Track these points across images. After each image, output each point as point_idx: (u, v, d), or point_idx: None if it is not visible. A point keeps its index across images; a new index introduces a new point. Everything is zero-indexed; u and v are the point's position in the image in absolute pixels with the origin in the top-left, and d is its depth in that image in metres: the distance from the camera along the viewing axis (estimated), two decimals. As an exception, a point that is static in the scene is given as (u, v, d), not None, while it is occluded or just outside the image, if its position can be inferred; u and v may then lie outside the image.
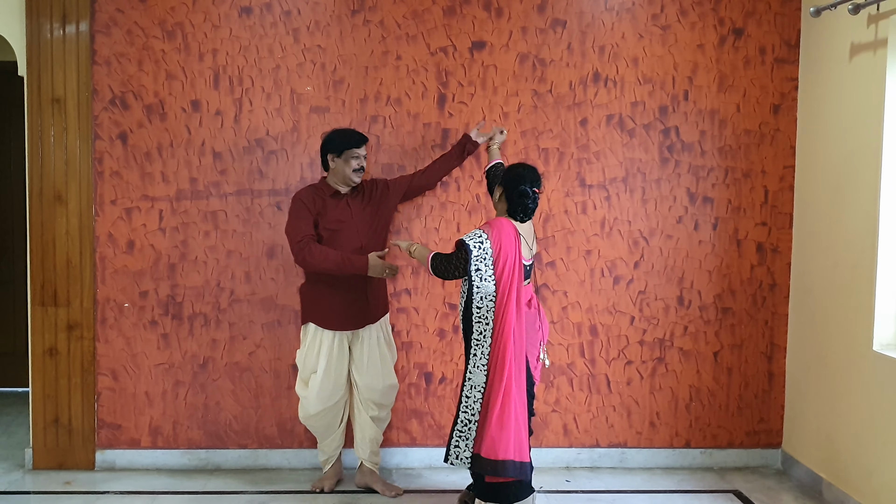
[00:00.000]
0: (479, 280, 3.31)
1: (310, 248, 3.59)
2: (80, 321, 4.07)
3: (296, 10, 4.05)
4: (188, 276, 4.10)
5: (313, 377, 3.76)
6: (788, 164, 4.19)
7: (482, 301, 3.32)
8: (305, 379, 3.81)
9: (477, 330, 3.34)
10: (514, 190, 3.35)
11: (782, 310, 4.24)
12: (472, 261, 3.30)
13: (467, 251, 3.30)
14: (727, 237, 4.20)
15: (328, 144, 3.71)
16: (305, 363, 3.79)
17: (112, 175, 4.06)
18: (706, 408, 4.26)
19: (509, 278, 3.29)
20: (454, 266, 3.36)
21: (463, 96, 4.10)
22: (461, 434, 3.35)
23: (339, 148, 3.67)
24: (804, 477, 4.03)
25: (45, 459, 4.12)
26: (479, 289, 3.31)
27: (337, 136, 3.71)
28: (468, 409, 3.34)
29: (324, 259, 3.58)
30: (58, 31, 3.97)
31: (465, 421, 3.34)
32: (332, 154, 3.69)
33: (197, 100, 4.05)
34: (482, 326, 3.33)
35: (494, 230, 3.32)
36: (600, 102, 4.13)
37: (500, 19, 4.08)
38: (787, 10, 4.13)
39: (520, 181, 3.34)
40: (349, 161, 3.67)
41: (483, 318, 3.33)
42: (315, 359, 3.75)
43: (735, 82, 4.14)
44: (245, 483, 4.00)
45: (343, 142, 3.67)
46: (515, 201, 3.35)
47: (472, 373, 3.34)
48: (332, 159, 3.70)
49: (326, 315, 3.74)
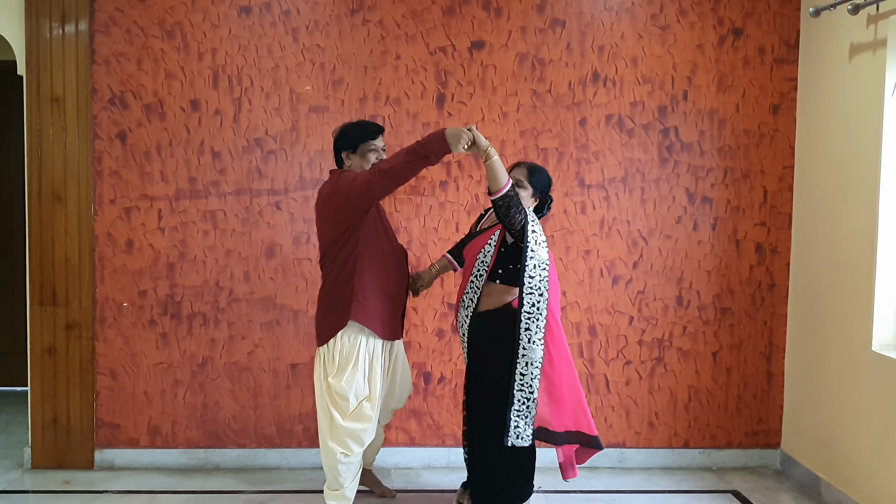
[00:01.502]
0: (534, 243, 3.14)
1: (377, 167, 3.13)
2: (79, 320, 4.07)
3: (295, 9, 4.05)
4: (187, 276, 4.10)
5: (366, 405, 3.32)
6: (787, 165, 4.19)
7: (535, 269, 3.14)
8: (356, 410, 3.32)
9: (528, 302, 3.13)
10: (547, 193, 3.39)
11: (781, 310, 4.24)
12: (529, 224, 3.16)
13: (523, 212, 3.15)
14: (726, 237, 4.20)
15: (341, 140, 3.36)
16: (355, 390, 3.29)
17: (111, 174, 4.06)
18: (705, 408, 4.26)
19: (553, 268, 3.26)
20: (519, 210, 3.15)
21: (462, 96, 4.10)
22: (520, 413, 3.17)
23: (353, 143, 3.33)
24: (803, 477, 4.03)
25: (43, 459, 4.12)
26: (533, 253, 3.14)
27: (350, 129, 3.38)
28: (525, 386, 3.15)
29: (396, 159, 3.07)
30: (57, 30, 3.97)
31: (522, 399, 3.16)
32: (347, 151, 3.34)
33: (196, 99, 4.05)
34: (534, 298, 3.13)
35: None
36: (599, 102, 4.13)
37: (499, 19, 4.08)
38: (786, 10, 4.13)
39: (551, 185, 3.41)
40: (366, 155, 3.32)
41: (535, 288, 3.14)
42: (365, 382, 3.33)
43: (734, 82, 4.14)
44: (243, 482, 4.00)
45: (358, 136, 3.33)
46: (549, 204, 3.42)
47: (526, 349, 3.14)
48: (347, 156, 3.35)
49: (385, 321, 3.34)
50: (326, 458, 3.40)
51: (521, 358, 3.16)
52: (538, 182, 3.36)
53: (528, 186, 3.33)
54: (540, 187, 3.36)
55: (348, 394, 3.29)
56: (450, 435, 4.21)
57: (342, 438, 3.33)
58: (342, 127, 3.44)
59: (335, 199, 3.26)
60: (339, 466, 3.36)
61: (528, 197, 3.34)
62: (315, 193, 4.06)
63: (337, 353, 3.32)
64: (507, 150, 4.12)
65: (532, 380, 3.17)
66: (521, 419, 3.18)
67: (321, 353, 3.39)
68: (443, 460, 4.21)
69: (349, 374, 3.29)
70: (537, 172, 3.38)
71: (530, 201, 3.35)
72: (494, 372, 3.25)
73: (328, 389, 3.34)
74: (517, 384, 3.17)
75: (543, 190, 3.38)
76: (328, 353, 3.35)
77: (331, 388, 3.32)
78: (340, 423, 3.31)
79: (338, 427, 3.31)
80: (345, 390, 3.29)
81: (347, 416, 3.32)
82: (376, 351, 3.36)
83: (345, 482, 3.40)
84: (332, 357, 3.34)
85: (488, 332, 3.29)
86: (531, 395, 3.18)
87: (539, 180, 3.36)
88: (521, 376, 3.17)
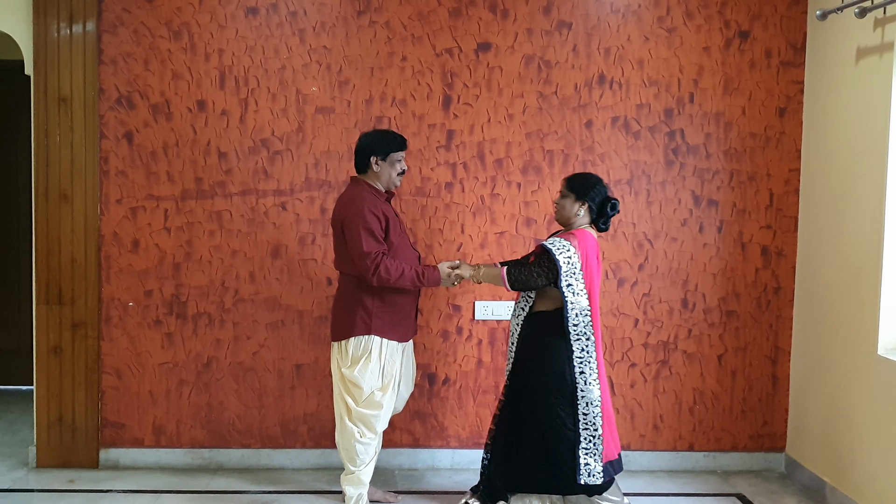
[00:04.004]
0: (571, 295, 3.26)
1: (385, 265, 3.35)
2: (85, 320, 4.08)
3: (302, 10, 4.05)
4: (193, 276, 4.11)
5: (378, 394, 3.49)
6: (794, 168, 4.18)
7: (578, 317, 3.28)
8: (369, 397, 3.49)
9: (578, 347, 3.29)
10: (602, 201, 3.36)
11: (787, 313, 4.23)
12: (563, 276, 3.24)
13: (555, 264, 3.24)
14: (732, 240, 4.20)
15: (373, 146, 3.47)
16: (368, 381, 3.46)
17: (117, 174, 4.07)
18: (710, 411, 4.25)
19: (596, 289, 3.31)
20: (537, 274, 3.28)
21: (468, 97, 4.10)
22: (588, 451, 3.30)
23: (384, 150, 3.46)
24: (808, 481, 4.02)
25: (48, 457, 4.12)
26: (573, 304, 3.27)
27: (381, 137, 3.50)
28: (589, 425, 3.29)
29: (400, 275, 3.37)
30: (64, 30, 3.98)
31: (589, 438, 3.30)
32: (377, 157, 3.46)
33: (203, 100, 4.06)
34: (583, 343, 3.29)
35: (580, 241, 3.28)
36: (605, 104, 4.13)
37: (505, 21, 4.08)
38: (793, 13, 4.12)
39: (606, 192, 3.38)
40: (394, 164, 3.48)
41: (582, 333, 3.29)
42: (379, 375, 3.49)
43: (741, 85, 4.14)
44: (248, 482, 4.00)
45: (389, 144, 3.47)
46: (607, 213, 3.38)
47: (583, 391, 3.29)
48: (377, 162, 3.46)
49: (402, 329, 3.53)
50: (344, 439, 3.54)
51: (581, 399, 3.29)
52: (579, 187, 3.36)
53: (568, 193, 3.37)
54: (582, 191, 3.34)
55: (361, 383, 3.47)
56: (454, 436, 4.21)
57: (356, 421, 3.51)
58: (373, 133, 3.54)
59: (344, 221, 3.43)
60: (356, 446, 3.50)
61: (573, 203, 3.35)
62: (321, 194, 4.09)
63: (351, 348, 3.48)
64: (513, 151, 4.12)
65: (595, 418, 3.30)
66: (591, 457, 3.30)
67: (335, 347, 3.56)
68: (447, 462, 4.21)
69: (361, 366, 3.46)
70: (578, 178, 3.41)
71: (577, 208, 3.34)
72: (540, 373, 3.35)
73: (342, 379, 3.52)
74: (581, 424, 3.30)
75: (591, 195, 3.34)
76: (342, 349, 3.52)
77: (344, 377, 3.50)
78: (354, 408, 3.49)
79: (352, 411, 3.50)
80: (358, 379, 3.46)
81: (360, 403, 3.49)
82: (391, 347, 3.51)
83: (361, 463, 3.53)
84: (345, 352, 3.50)
85: (540, 330, 3.39)
86: (596, 433, 3.30)
87: (578, 184, 3.36)
88: (583, 416, 3.29)
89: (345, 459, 3.58)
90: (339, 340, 3.51)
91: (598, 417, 3.29)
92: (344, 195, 3.53)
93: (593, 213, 3.40)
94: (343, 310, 3.51)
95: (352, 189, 3.51)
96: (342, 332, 3.49)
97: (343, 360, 3.49)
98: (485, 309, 4.16)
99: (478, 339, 4.18)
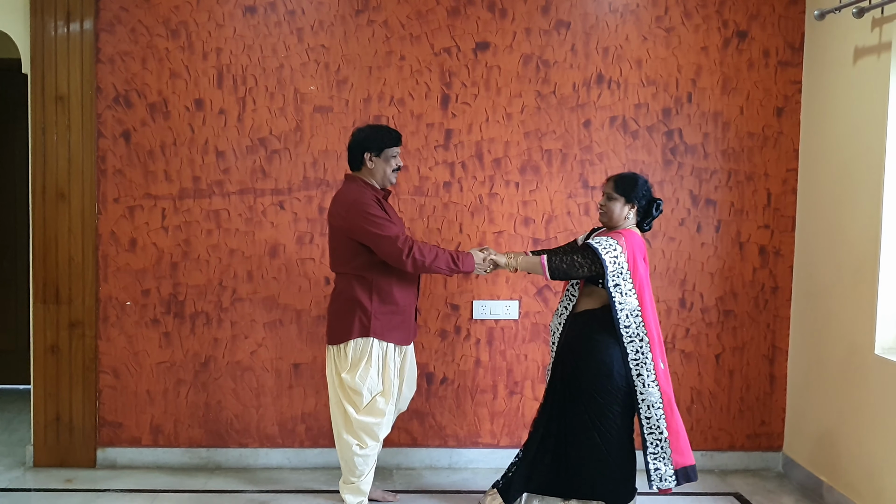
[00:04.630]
0: (619, 296, 3.20)
1: (418, 246, 3.21)
2: (82, 319, 4.07)
3: (300, 9, 4.05)
4: (190, 275, 4.10)
5: (380, 400, 3.37)
6: (791, 167, 4.19)
7: (629, 318, 3.21)
8: (370, 404, 3.38)
9: (632, 349, 3.21)
10: (649, 201, 3.32)
11: (784, 313, 4.24)
12: (610, 276, 3.18)
13: (598, 257, 3.18)
14: (730, 240, 4.20)
15: (367, 142, 3.37)
16: (369, 385, 3.34)
17: (115, 173, 4.06)
18: (707, 410, 4.26)
19: (648, 290, 3.25)
20: (579, 264, 3.21)
21: (466, 97, 4.10)
22: (656, 455, 3.24)
23: (379, 146, 3.36)
24: (805, 480, 4.03)
25: (45, 457, 4.12)
26: (622, 305, 3.20)
27: (375, 133, 3.40)
28: (654, 428, 3.23)
29: (434, 258, 3.22)
30: (62, 28, 3.97)
31: (655, 442, 3.24)
32: (371, 153, 3.36)
33: (200, 98, 4.05)
34: (637, 344, 3.21)
35: (628, 241, 3.23)
36: (604, 104, 4.13)
37: (504, 20, 4.08)
38: (791, 13, 4.13)
39: (651, 192, 3.34)
40: (389, 161, 3.39)
41: (635, 334, 3.21)
42: (379, 379, 3.38)
43: (739, 85, 4.14)
44: (246, 482, 3.99)
45: (383, 140, 3.38)
46: (652, 214, 3.34)
47: (643, 393, 3.22)
48: (371, 158, 3.37)
49: (402, 331, 3.43)
50: (342, 451, 3.44)
51: (641, 402, 3.23)
52: (627, 189, 3.31)
53: (618, 197, 3.31)
54: (632, 193, 3.30)
55: (361, 388, 3.34)
56: (452, 436, 4.21)
57: (356, 432, 3.38)
58: (366, 129, 3.44)
59: (350, 220, 3.30)
60: (354, 458, 3.41)
61: (623, 206, 3.30)
62: (318, 193, 4.08)
63: (350, 351, 3.36)
64: (511, 151, 4.12)
65: (658, 420, 3.23)
66: (660, 461, 3.25)
67: (332, 351, 3.42)
68: (445, 461, 4.21)
69: (362, 370, 3.34)
70: (625, 179, 3.34)
71: (626, 211, 3.30)
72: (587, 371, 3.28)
73: (341, 385, 3.39)
74: (645, 428, 3.24)
75: (639, 195, 3.31)
76: (340, 352, 3.39)
77: (343, 382, 3.37)
78: (354, 417, 3.36)
79: (352, 420, 3.37)
80: (358, 385, 3.34)
81: (361, 410, 3.37)
82: (388, 349, 3.41)
83: (360, 475, 3.45)
84: (344, 355, 3.38)
85: (586, 329, 3.32)
86: (662, 436, 3.24)
87: (628, 186, 3.31)
88: (646, 420, 3.24)
89: (343, 469, 3.50)
90: (337, 344, 3.38)
91: (661, 420, 3.22)
92: (339, 194, 3.41)
93: (640, 215, 3.35)
94: (340, 312, 3.37)
95: (347, 187, 3.41)
96: (340, 336, 3.36)
97: (342, 365, 3.37)
98: (483, 308, 4.16)
99: (476, 339, 4.18)
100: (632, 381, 3.23)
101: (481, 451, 4.22)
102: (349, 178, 3.46)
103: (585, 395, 3.29)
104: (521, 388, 4.22)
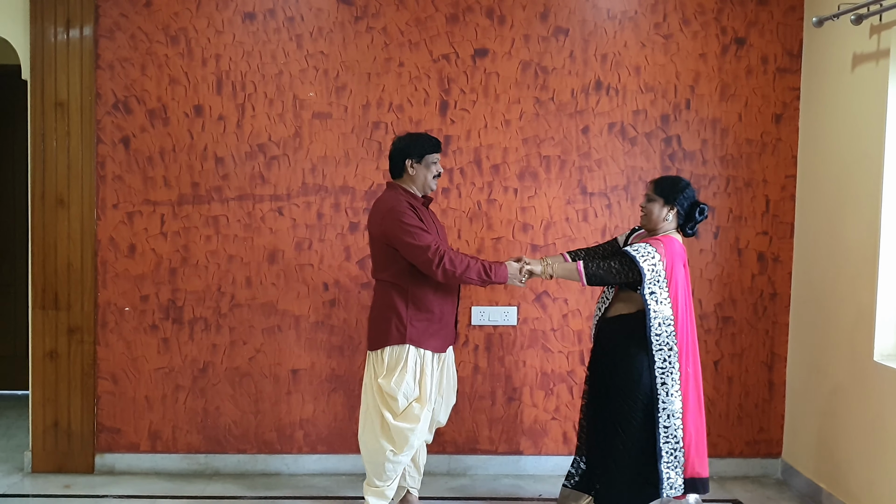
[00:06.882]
0: (654, 304, 3.15)
1: (449, 256, 3.21)
2: (81, 325, 4.07)
3: (299, 16, 4.06)
4: (189, 281, 4.10)
5: (416, 406, 3.34)
6: (790, 174, 4.19)
7: (660, 327, 3.16)
8: (406, 410, 3.35)
9: (660, 357, 3.17)
10: (691, 205, 3.26)
11: (783, 319, 4.23)
12: (646, 284, 3.13)
13: (636, 264, 3.14)
14: (728, 246, 4.20)
15: (408, 149, 3.38)
16: (404, 391, 3.33)
17: (114, 179, 4.07)
18: (706, 417, 4.24)
19: (684, 297, 3.20)
20: (616, 271, 3.19)
21: (465, 103, 4.10)
22: (669, 464, 3.20)
23: (420, 153, 3.37)
24: (804, 487, 4.02)
25: (44, 463, 4.12)
26: (655, 313, 3.15)
27: (415, 140, 3.41)
28: (670, 437, 3.19)
29: (466, 268, 3.22)
30: (62, 35, 3.98)
31: (669, 451, 3.19)
32: (412, 160, 3.36)
33: (200, 105, 4.06)
34: (665, 353, 3.17)
35: (667, 248, 3.17)
36: (602, 110, 4.13)
37: (502, 27, 4.09)
38: (789, 19, 4.14)
39: (694, 195, 3.29)
40: (430, 167, 3.38)
41: (665, 343, 3.17)
42: (415, 385, 3.35)
43: (737, 91, 4.15)
44: (244, 488, 3.99)
45: (424, 146, 3.38)
46: (695, 218, 3.27)
47: (665, 402, 3.18)
48: (412, 165, 3.36)
49: (439, 338, 3.40)
50: (374, 455, 3.40)
51: (662, 411, 3.19)
52: (666, 190, 3.26)
53: (656, 198, 3.27)
54: (672, 196, 3.25)
55: (397, 394, 3.32)
56: (450, 442, 4.20)
57: (392, 437, 3.36)
58: (406, 137, 3.45)
59: (385, 228, 3.31)
60: (386, 464, 3.38)
61: (661, 208, 3.25)
62: (317, 199, 4.09)
63: (386, 357, 3.35)
64: (509, 157, 4.12)
65: (676, 430, 3.20)
66: (672, 470, 3.22)
67: (371, 356, 3.43)
68: (443, 467, 4.20)
69: (398, 376, 3.33)
70: (665, 181, 3.31)
71: (665, 213, 3.25)
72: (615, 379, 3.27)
73: (378, 390, 3.37)
74: (662, 437, 3.20)
75: (680, 199, 3.25)
76: (378, 358, 3.39)
77: (381, 388, 3.35)
78: (391, 422, 3.34)
79: (389, 426, 3.35)
80: (394, 390, 3.32)
81: (398, 416, 3.35)
82: (426, 356, 3.38)
83: (388, 480, 3.42)
84: (381, 360, 3.37)
85: (620, 336, 3.29)
86: (678, 446, 3.21)
87: (668, 188, 3.27)
88: (664, 428, 3.20)
89: (370, 473, 3.44)
90: (375, 350, 3.39)
91: (679, 430, 3.19)
92: (378, 201, 3.42)
93: (681, 218, 3.29)
94: (378, 318, 3.40)
95: (387, 194, 3.41)
96: (377, 342, 3.38)
97: (379, 370, 3.37)
98: (481, 314, 4.16)
99: (474, 345, 4.18)
100: (656, 390, 3.20)
101: (479, 457, 4.22)
102: (390, 185, 3.47)
103: (614, 401, 3.27)
104: (519, 395, 4.21)
